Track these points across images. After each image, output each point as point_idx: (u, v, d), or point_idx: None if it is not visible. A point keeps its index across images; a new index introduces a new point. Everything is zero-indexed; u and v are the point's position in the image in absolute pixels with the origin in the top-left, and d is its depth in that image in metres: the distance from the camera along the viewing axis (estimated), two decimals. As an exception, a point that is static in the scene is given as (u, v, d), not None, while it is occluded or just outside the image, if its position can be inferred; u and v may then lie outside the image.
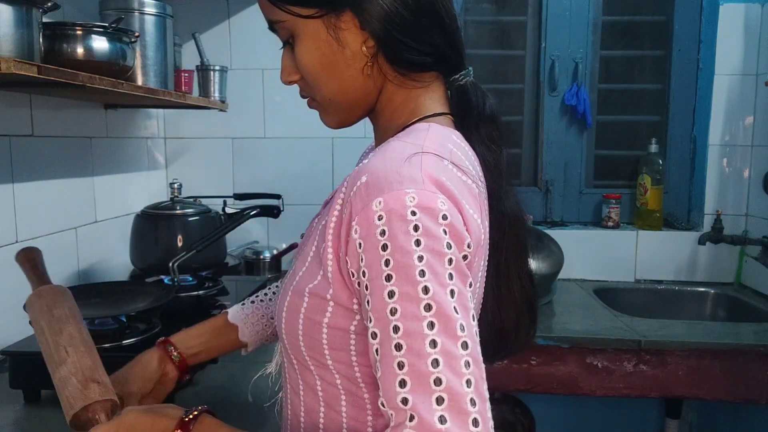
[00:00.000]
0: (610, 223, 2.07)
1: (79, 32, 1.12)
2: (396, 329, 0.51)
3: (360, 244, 0.54)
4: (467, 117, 0.69)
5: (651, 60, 2.15)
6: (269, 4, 0.65)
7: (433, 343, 0.50)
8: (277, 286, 0.97)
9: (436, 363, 0.49)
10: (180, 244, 1.43)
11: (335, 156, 2.03)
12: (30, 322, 0.82)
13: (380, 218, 0.53)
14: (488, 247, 0.67)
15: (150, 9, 1.42)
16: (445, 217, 0.53)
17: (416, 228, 0.52)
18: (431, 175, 0.55)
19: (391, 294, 0.52)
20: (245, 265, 1.94)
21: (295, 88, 0.72)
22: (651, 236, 2.03)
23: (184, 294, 1.41)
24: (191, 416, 0.63)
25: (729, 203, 2.01)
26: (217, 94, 1.81)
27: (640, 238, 2.03)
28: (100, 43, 1.15)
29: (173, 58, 1.54)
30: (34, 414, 1.06)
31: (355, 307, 0.59)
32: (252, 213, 1.42)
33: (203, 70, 1.79)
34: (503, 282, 0.69)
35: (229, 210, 1.59)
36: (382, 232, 0.53)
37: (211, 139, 2.06)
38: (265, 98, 2.03)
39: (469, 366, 0.50)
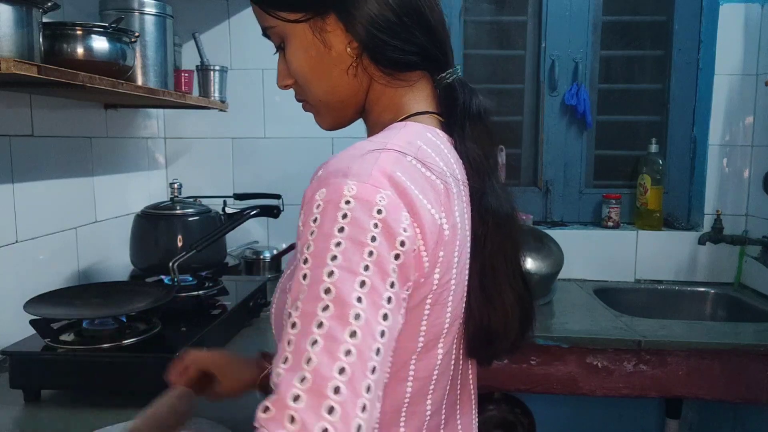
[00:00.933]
0: (610, 223, 2.07)
1: (79, 32, 1.13)
2: (296, 309, 0.51)
3: (300, 231, 0.56)
4: (453, 115, 0.69)
5: (651, 60, 2.15)
6: (260, 11, 0.69)
7: (320, 325, 0.49)
8: None
9: (314, 343, 0.49)
10: (180, 244, 1.43)
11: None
12: None
13: (318, 207, 0.54)
14: (469, 244, 0.66)
15: (150, 9, 1.42)
16: (379, 212, 0.53)
17: (344, 216, 0.53)
18: (384, 170, 0.56)
19: (304, 276, 0.52)
20: (245, 265, 1.94)
21: None
22: (651, 236, 2.03)
23: (184, 294, 1.41)
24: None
25: (729, 203, 2.01)
26: (217, 94, 1.81)
27: (640, 238, 2.03)
28: (100, 43, 1.15)
29: (173, 58, 1.55)
30: (34, 414, 1.06)
31: None
32: (252, 213, 1.42)
33: (203, 70, 1.79)
34: (490, 280, 0.67)
35: (229, 210, 1.59)
36: (315, 220, 0.54)
37: (211, 139, 2.06)
38: (265, 98, 2.03)
39: (349, 354, 0.48)
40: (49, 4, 1.01)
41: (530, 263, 1.76)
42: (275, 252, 1.98)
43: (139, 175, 1.89)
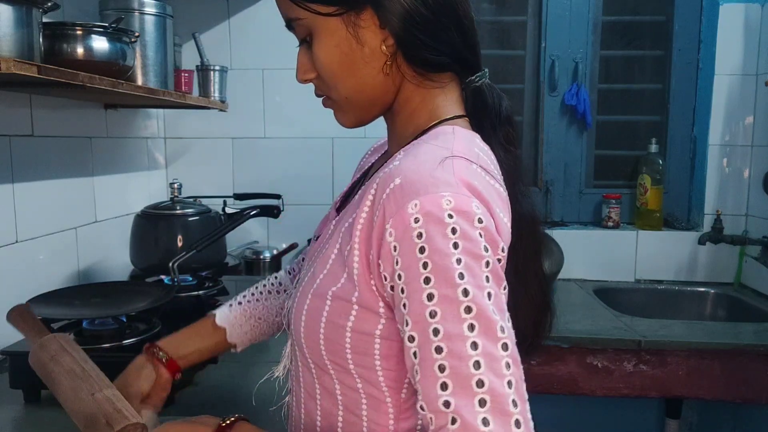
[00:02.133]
0: (610, 223, 2.07)
1: (79, 32, 1.13)
2: (436, 332, 0.51)
3: (395, 246, 0.54)
4: (485, 119, 0.68)
5: (651, 60, 2.15)
6: (288, 2, 0.65)
7: (474, 345, 0.50)
8: (264, 285, 0.98)
9: (477, 365, 0.50)
10: (180, 244, 1.43)
11: (335, 156, 2.03)
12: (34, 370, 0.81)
13: (416, 221, 0.53)
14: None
15: (150, 9, 1.42)
16: (480, 221, 0.54)
17: (454, 231, 0.52)
18: (464, 179, 0.56)
19: (430, 297, 0.52)
20: (245, 265, 1.94)
21: (296, 88, 0.73)
22: (651, 236, 2.03)
23: (184, 294, 1.41)
24: (228, 422, 0.65)
25: (729, 203, 2.01)
26: (217, 94, 1.81)
27: (640, 238, 2.03)
28: (100, 43, 1.15)
29: (173, 58, 1.55)
30: (34, 414, 1.06)
31: (381, 310, 0.59)
32: (252, 213, 1.42)
33: (203, 70, 1.79)
34: (521, 283, 0.67)
35: (229, 210, 1.59)
36: (419, 235, 0.53)
37: (211, 139, 2.06)
38: (265, 98, 2.03)
39: (509, 367, 0.51)
40: (49, 4, 1.00)
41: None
42: (275, 252, 1.98)
43: (139, 175, 1.89)
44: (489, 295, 0.52)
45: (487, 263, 0.53)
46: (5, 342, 1.15)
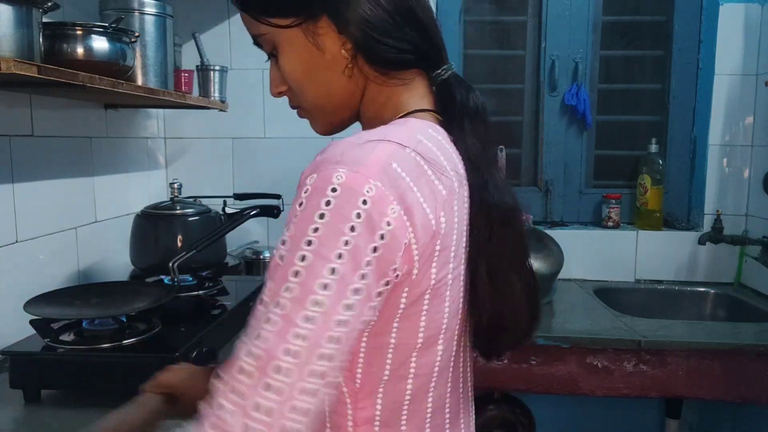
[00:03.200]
0: (610, 223, 2.07)
1: (79, 32, 1.13)
2: (267, 287, 0.54)
3: (289, 211, 0.56)
4: (452, 111, 0.68)
5: (651, 60, 2.15)
6: (250, 19, 0.68)
7: (278, 304, 0.51)
8: None
9: (268, 321, 0.52)
10: (180, 244, 1.43)
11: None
12: None
13: (306, 192, 0.54)
14: (467, 238, 0.65)
15: (150, 9, 1.42)
16: (365, 202, 0.53)
17: (328, 203, 0.53)
18: (380, 160, 0.55)
19: (281, 257, 0.53)
20: (245, 265, 1.94)
21: None
22: (651, 236, 2.03)
23: (184, 294, 1.41)
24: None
25: (729, 203, 2.01)
26: (217, 94, 1.81)
27: (640, 238, 2.03)
28: (100, 43, 1.15)
29: (173, 58, 1.55)
30: (34, 414, 1.06)
31: None
32: (252, 213, 1.42)
33: (203, 70, 1.79)
34: (497, 272, 0.66)
35: (229, 210, 1.59)
36: (300, 204, 0.54)
37: (211, 139, 2.06)
38: (265, 98, 2.03)
39: (299, 338, 0.50)
40: (49, 4, 1.01)
41: (531, 258, 1.76)
42: (275, 252, 1.98)
43: (139, 175, 1.89)
44: (332, 270, 0.51)
45: (347, 242, 0.52)
46: (5, 342, 1.15)
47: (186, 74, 1.71)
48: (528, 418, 1.93)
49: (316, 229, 0.52)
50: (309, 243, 0.52)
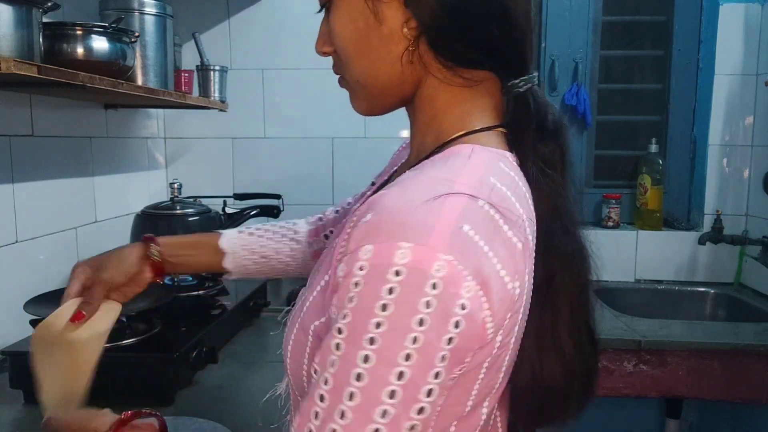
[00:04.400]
0: (610, 223, 2.07)
1: (79, 32, 1.13)
2: (326, 381, 0.47)
3: (339, 283, 0.48)
4: (523, 133, 0.58)
5: (651, 60, 2.15)
6: None
7: (341, 414, 0.45)
8: (281, 226, 0.95)
9: (342, 415, 0.46)
10: (180, 244, 1.43)
11: (335, 156, 2.03)
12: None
13: (361, 269, 0.46)
14: (531, 293, 0.55)
15: (150, 9, 1.42)
16: (434, 286, 0.45)
17: (391, 291, 0.45)
18: (450, 224, 0.46)
19: (337, 346, 0.47)
20: (245, 265, 1.94)
21: (296, 88, 0.72)
22: (651, 236, 2.03)
23: (184, 294, 1.41)
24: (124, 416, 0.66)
25: (729, 203, 2.01)
26: (217, 94, 1.81)
27: (640, 238, 2.03)
28: (100, 43, 1.15)
29: (173, 58, 1.55)
30: (34, 414, 1.06)
31: None
32: (252, 213, 1.42)
33: (203, 70, 1.79)
34: (548, 328, 0.58)
35: (229, 210, 1.60)
36: (356, 284, 0.46)
37: (211, 139, 2.06)
38: (265, 98, 2.03)
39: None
40: (49, 4, 1.01)
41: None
42: (275, 252, 1.98)
43: (139, 175, 1.89)
44: (400, 375, 0.45)
45: (415, 339, 0.44)
46: (5, 342, 1.15)
47: (186, 74, 1.72)
48: (528, 418, 1.93)
49: (378, 325, 0.45)
50: (372, 341, 0.45)
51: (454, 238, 0.46)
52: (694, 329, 1.58)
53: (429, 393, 0.46)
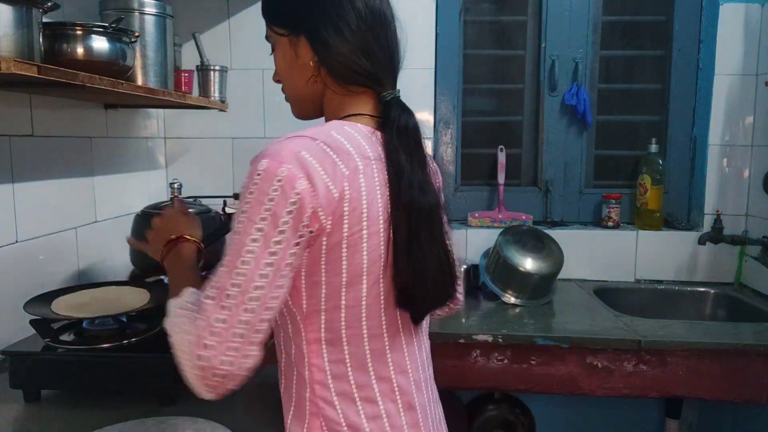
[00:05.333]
0: (610, 223, 2.07)
1: (79, 32, 1.13)
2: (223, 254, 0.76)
3: None
4: (387, 124, 0.86)
5: (651, 60, 2.15)
6: (265, 23, 0.92)
7: (226, 254, 0.74)
8: None
9: (221, 265, 0.74)
10: (180, 244, 1.43)
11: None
12: None
13: (248, 176, 0.76)
14: (387, 215, 0.81)
15: (150, 9, 1.42)
16: (279, 180, 0.73)
17: (255, 184, 0.74)
18: (292, 150, 0.75)
19: (231, 228, 0.76)
20: (245, 265, 1.94)
21: None
22: (651, 236, 2.03)
23: (184, 294, 1.40)
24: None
25: (729, 203, 2.01)
26: (217, 94, 1.81)
27: (640, 238, 2.03)
28: (100, 43, 1.15)
29: (173, 58, 1.54)
30: (34, 414, 1.06)
31: None
32: (252, 213, 1.42)
33: (203, 70, 1.79)
34: (415, 252, 0.82)
35: (229, 210, 1.60)
36: (243, 186, 0.76)
37: (211, 139, 2.06)
38: (265, 98, 2.03)
39: (239, 275, 0.72)
40: (49, 4, 1.01)
41: (530, 263, 1.76)
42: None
43: (139, 175, 1.89)
44: (258, 229, 0.73)
45: (268, 209, 0.73)
46: (5, 342, 1.15)
47: (186, 74, 1.72)
48: (528, 418, 1.94)
49: (247, 203, 0.74)
50: (243, 212, 0.74)
51: (294, 157, 0.75)
52: (694, 329, 1.58)
53: (277, 243, 0.73)
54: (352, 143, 0.81)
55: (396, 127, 0.85)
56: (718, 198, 2.02)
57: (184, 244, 1.01)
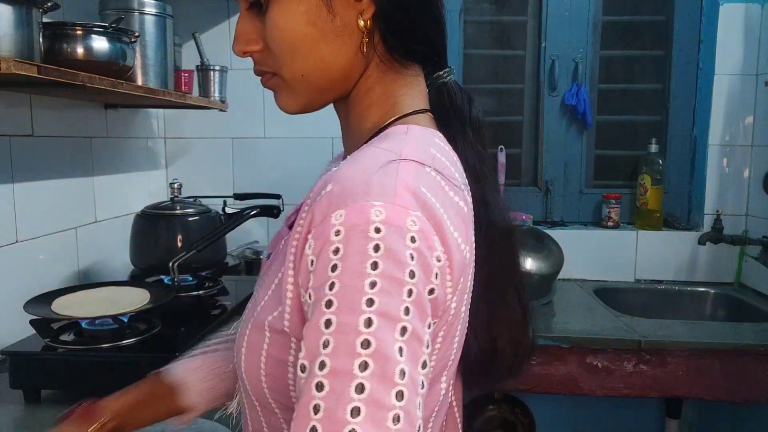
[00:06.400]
0: (610, 223, 2.07)
1: (79, 32, 1.13)
2: (322, 365, 0.42)
3: (312, 261, 0.46)
4: (451, 117, 0.62)
5: (651, 60, 2.15)
6: None
7: (360, 388, 0.40)
8: (225, 335, 0.86)
9: (356, 412, 0.39)
10: (180, 244, 1.43)
11: (335, 156, 2.02)
12: None
13: (337, 233, 0.45)
14: (474, 262, 0.57)
15: (150, 9, 1.42)
16: (413, 240, 0.45)
17: (377, 248, 0.44)
18: (409, 185, 0.47)
19: (327, 323, 0.43)
20: (245, 265, 1.94)
21: None
22: (651, 236, 2.03)
23: (184, 294, 1.41)
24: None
25: (729, 203, 2.01)
26: (217, 94, 1.81)
27: (640, 238, 2.03)
28: (100, 43, 1.15)
29: (173, 58, 1.54)
30: (34, 414, 1.06)
31: None
32: (252, 213, 1.42)
33: (203, 70, 1.79)
34: (496, 295, 0.61)
35: (229, 210, 1.60)
36: (336, 250, 0.44)
37: (211, 139, 2.06)
38: (265, 98, 2.03)
39: (398, 421, 0.40)
40: (49, 4, 1.00)
41: (530, 263, 1.76)
42: (275, 252, 1.97)
43: (139, 175, 1.89)
44: (403, 330, 0.42)
45: (410, 292, 0.44)
46: (5, 342, 1.15)
47: (186, 74, 1.71)
48: (528, 418, 1.93)
49: (373, 284, 0.43)
50: (371, 302, 0.42)
51: (416, 197, 0.47)
52: (694, 329, 1.57)
53: (427, 345, 0.45)
54: (455, 167, 0.56)
55: (468, 121, 0.62)
56: (718, 198, 2.02)
57: None
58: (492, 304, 0.60)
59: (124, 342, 1.11)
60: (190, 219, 1.47)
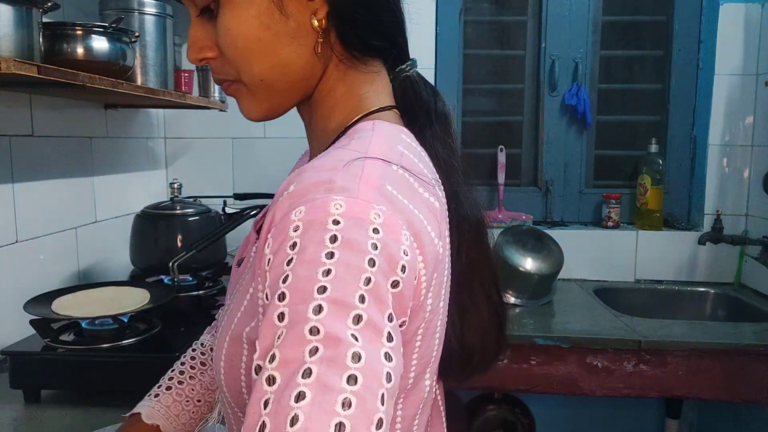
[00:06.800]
0: (610, 223, 2.07)
1: (79, 32, 1.13)
2: (272, 358, 0.39)
3: (269, 260, 0.44)
4: (418, 112, 0.60)
5: (651, 60, 2.15)
6: None
7: (308, 372, 0.37)
8: (193, 359, 0.83)
9: (301, 396, 0.37)
10: (180, 244, 1.43)
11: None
12: None
13: (296, 229, 0.43)
14: (449, 257, 0.57)
15: (150, 9, 1.42)
16: (376, 231, 0.43)
17: (334, 239, 0.42)
18: (374, 183, 0.46)
19: (280, 316, 0.41)
20: (245, 265, 1.94)
21: None
22: (651, 236, 2.03)
23: (184, 294, 1.41)
24: None
25: (729, 203, 2.01)
26: (217, 94, 1.81)
27: (640, 238, 2.03)
28: (100, 43, 1.15)
29: (173, 58, 1.55)
30: (34, 414, 1.06)
31: None
32: (252, 213, 1.42)
33: (203, 69, 1.79)
34: (465, 294, 0.60)
35: (229, 210, 1.60)
36: (293, 245, 0.43)
37: (211, 139, 2.06)
38: (265, 98, 2.03)
39: (348, 407, 0.37)
40: (49, 4, 1.01)
41: (530, 263, 1.76)
42: (275, 252, 1.97)
43: (139, 175, 1.89)
44: (357, 318, 0.40)
45: (368, 280, 0.41)
46: (5, 342, 1.15)
47: (186, 74, 1.71)
48: (528, 418, 1.94)
49: (327, 272, 0.41)
50: (323, 290, 0.40)
51: (381, 194, 0.46)
52: (694, 329, 1.57)
53: (390, 337, 0.42)
54: (423, 163, 0.55)
55: (434, 115, 0.60)
56: (718, 198, 2.02)
57: None
58: (461, 300, 0.59)
59: (124, 342, 1.11)
60: (190, 219, 1.47)
